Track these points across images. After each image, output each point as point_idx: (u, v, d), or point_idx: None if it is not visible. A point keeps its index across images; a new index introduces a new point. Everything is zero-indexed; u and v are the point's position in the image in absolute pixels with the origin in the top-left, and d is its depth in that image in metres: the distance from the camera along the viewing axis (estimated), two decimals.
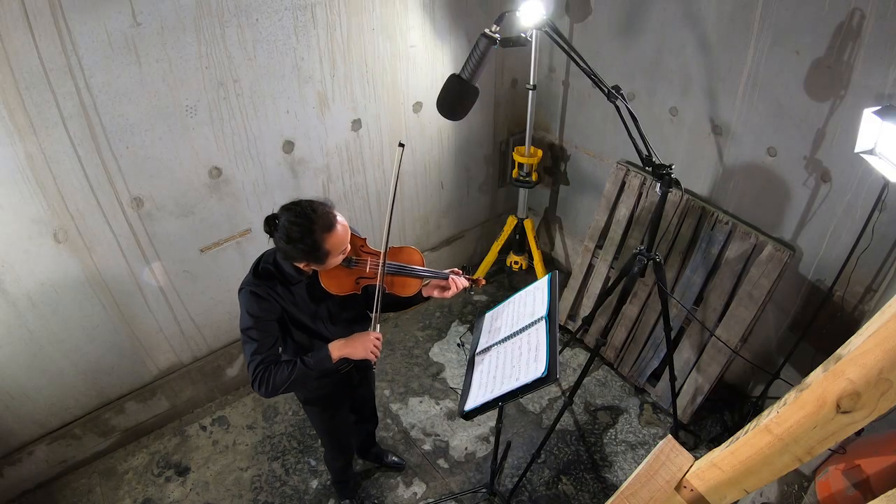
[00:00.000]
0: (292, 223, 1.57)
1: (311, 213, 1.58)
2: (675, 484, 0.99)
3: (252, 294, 1.67)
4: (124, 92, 2.12)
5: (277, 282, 1.70)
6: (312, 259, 1.62)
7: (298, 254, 1.60)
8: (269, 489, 2.71)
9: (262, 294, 1.67)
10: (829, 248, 2.44)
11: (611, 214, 3.16)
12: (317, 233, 1.57)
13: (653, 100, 2.86)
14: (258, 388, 1.66)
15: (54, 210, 2.18)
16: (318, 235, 1.57)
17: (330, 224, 1.59)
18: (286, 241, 1.58)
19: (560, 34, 2.01)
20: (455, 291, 1.91)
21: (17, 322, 2.29)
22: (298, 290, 1.75)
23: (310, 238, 1.57)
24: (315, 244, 1.58)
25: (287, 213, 1.59)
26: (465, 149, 3.44)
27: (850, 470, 1.76)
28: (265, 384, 1.65)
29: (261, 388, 1.65)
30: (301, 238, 1.57)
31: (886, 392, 0.67)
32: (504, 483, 2.73)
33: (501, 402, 1.70)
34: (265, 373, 1.65)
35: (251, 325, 1.67)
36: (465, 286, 1.95)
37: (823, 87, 2.19)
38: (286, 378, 1.66)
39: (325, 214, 1.59)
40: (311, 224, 1.56)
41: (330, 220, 1.59)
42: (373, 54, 2.72)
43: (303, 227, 1.56)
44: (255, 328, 1.67)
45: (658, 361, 3.01)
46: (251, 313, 1.67)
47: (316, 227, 1.57)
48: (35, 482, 2.70)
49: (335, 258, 1.66)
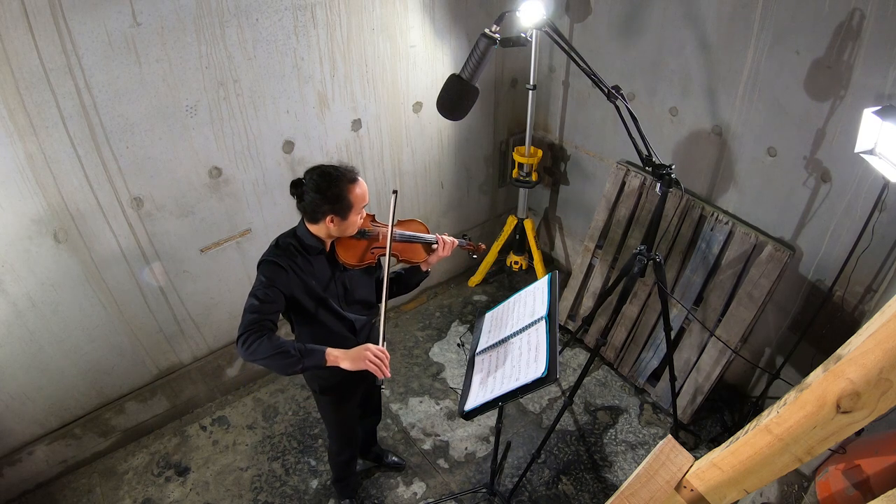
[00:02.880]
0: (321, 175, 1.72)
1: (336, 166, 1.76)
2: (675, 484, 0.99)
3: (272, 263, 1.74)
4: (124, 92, 2.12)
5: (297, 253, 1.79)
6: (337, 210, 1.74)
7: (325, 203, 1.72)
8: (269, 489, 2.71)
9: (282, 265, 1.75)
10: (829, 248, 2.44)
11: (611, 214, 3.16)
12: (342, 182, 1.73)
13: (653, 100, 2.86)
14: (242, 345, 1.64)
15: (54, 210, 2.18)
16: (344, 185, 1.73)
17: (354, 177, 1.76)
18: (315, 191, 1.71)
19: (560, 34, 2.01)
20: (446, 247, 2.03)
21: (17, 322, 2.30)
22: (318, 262, 1.83)
23: (336, 187, 1.71)
24: (341, 193, 1.72)
25: (314, 171, 1.75)
26: (465, 149, 3.44)
27: (850, 470, 1.76)
28: (247, 348, 1.63)
29: (244, 346, 1.63)
30: (328, 187, 1.71)
31: (886, 392, 0.67)
32: (504, 483, 2.73)
33: (501, 402, 1.70)
34: (257, 334, 1.63)
35: (259, 286, 1.72)
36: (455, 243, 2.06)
37: (823, 87, 2.19)
38: (271, 350, 1.63)
39: (350, 170, 1.77)
40: (339, 175, 1.73)
41: (354, 173, 1.77)
42: (373, 54, 2.72)
43: (330, 178, 1.72)
44: (264, 288, 1.71)
45: (658, 361, 3.01)
46: (266, 276, 1.73)
47: (343, 178, 1.73)
48: (35, 482, 2.70)
49: (356, 215, 1.79)
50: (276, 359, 1.64)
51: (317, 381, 2.07)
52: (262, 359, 1.64)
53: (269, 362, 1.65)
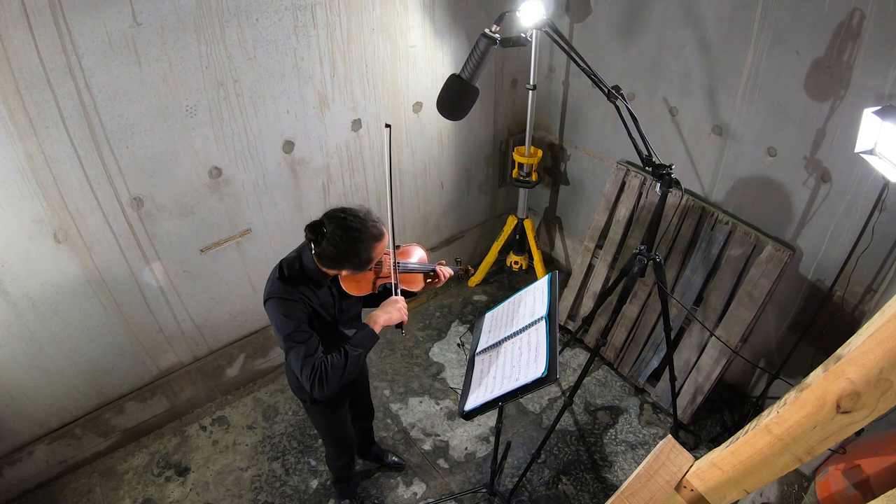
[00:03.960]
0: (344, 232, 1.64)
1: (361, 225, 1.66)
2: (675, 484, 0.99)
3: (284, 301, 1.70)
4: (124, 92, 2.12)
5: (303, 284, 1.75)
6: (356, 267, 1.72)
7: (345, 262, 1.69)
8: (269, 489, 2.71)
9: (294, 298, 1.71)
10: (829, 248, 2.44)
11: (611, 214, 3.16)
12: (367, 241, 1.66)
13: (653, 100, 2.86)
14: (318, 390, 1.65)
15: (54, 210, 2.18)
16: (369, 245, 1.67)
17: (380, 233, 1.70)
18: (335, 248, 1.64)
19: (560, 34, 2.01)
20: (442, 281, 2.03)
21: (17, 322, 2.29)
22: (322, 292, 1.81)
23: (359, 246, 1.66)
24: (366, 254, 1.68)
25: (336, 223, 1.65)
26: (465, 149, 3.44)
27: (850, 470, 1.76)
28: (324, 384, 1.64)
29: (321, 389, 1.65)
30: (351, 246, 1.65)
31: (886, 392, 0.67)
32: (504, 483, 2.73)
33: (501, 402, 1.70)
34: (322, 372, 1.65)
35: (292, 330, 1.68)
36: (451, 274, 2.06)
37: (823, 87, 2.19)
38: (342, 370, 1.67)
39: (374, 225, 1.68)
40: (364, 233, 1.65)
41: (378, 230, 1.69)
42: (373, 54, 2.72)
43: (353, 239, 1.65)
44: (296, 331, 1.68)
45: (658, 361, 3.01)
46: (289, 316, 1.69)
47: (367, 237, 1.66)
48: (35, 482, 2.70)
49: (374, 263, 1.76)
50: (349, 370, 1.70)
51: (305, 390, 2.03)
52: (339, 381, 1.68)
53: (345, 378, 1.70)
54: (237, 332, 3.04)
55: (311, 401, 2.09)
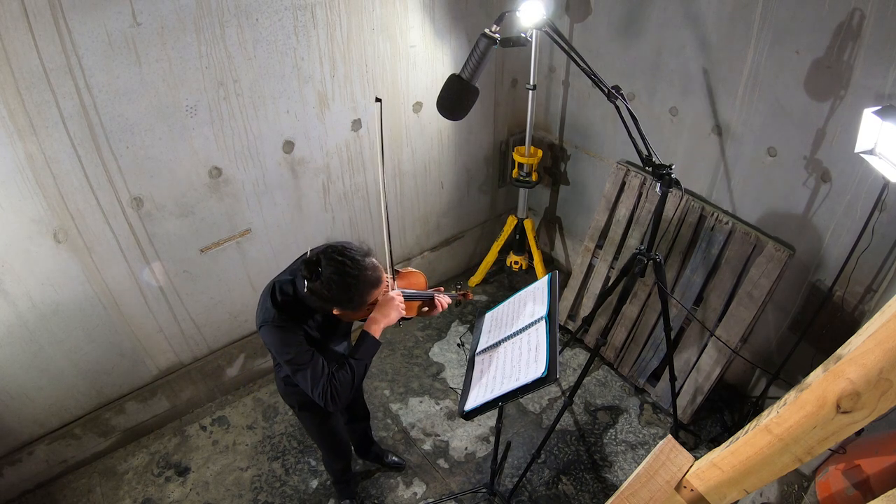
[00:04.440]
0: (339, 277, 1.56)
1: (359, 271, 1.58)
2: (675, 484, 0.99)
3: (279, 328, 1.68)
4: (124, 92, 2.12)
5: (297, 310, 1.73)
6: (350, 309, 1.67)
7: (338, 304, 1.64)
8: (269, 489, 2.71)
9: (289, 326, 1.69)
10: (829, 248, 2.44)
11: (611, 214, 3.16)
12: (364, 290, 1.62)
13: (653, 100, 2.86)
14: (331, 405, 1.68)
15: (54, 210, 2.18)
16: (365, 291, 1.62)
17: (377, 280, 1.64)
18: (329, 292, 1.58)
19: (560, 34, 2.01)
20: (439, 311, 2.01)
21: (17, 322, 2.29)
22: (317, 316, 1.80)
23: (355, 292, 1.61)
24: (361, 300, 1.64)
25: (333, 266, 1.57)
26: (465, 149, 3.44)
27: (850, 470, 1.77)
28: (337, 399, 1.68)
29: (333, 404, 1.68)
30: (345, 291, 1.59)
31: (886, 392, 0.67)
32: (504, 483, 2.73)
33: (501, 402, 1.70)
34: (332, 390, 1.67)
35: (294, 355, 1.67)
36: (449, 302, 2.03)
37: (823, 87, 2.19)
38: (350, 383, 1.70)
39: (373, 270, 1.62)
40: (359, 283, 1.59)
41: (377, 275, 1.64)
42: (373, 54, 2.72)
43: (348, 285, 1.58)
44: (299, 356, 1.67)
45: (658, 361, 3.01)
46: (288, 343, 1.67)
47: (363, 285, 1.61)
48: (35, 482, 2.70)
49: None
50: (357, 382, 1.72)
51: (294, 397, 2.04)
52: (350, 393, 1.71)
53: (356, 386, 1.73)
54: (237, 332, 3.04)
55: (299, 407, 2.09)
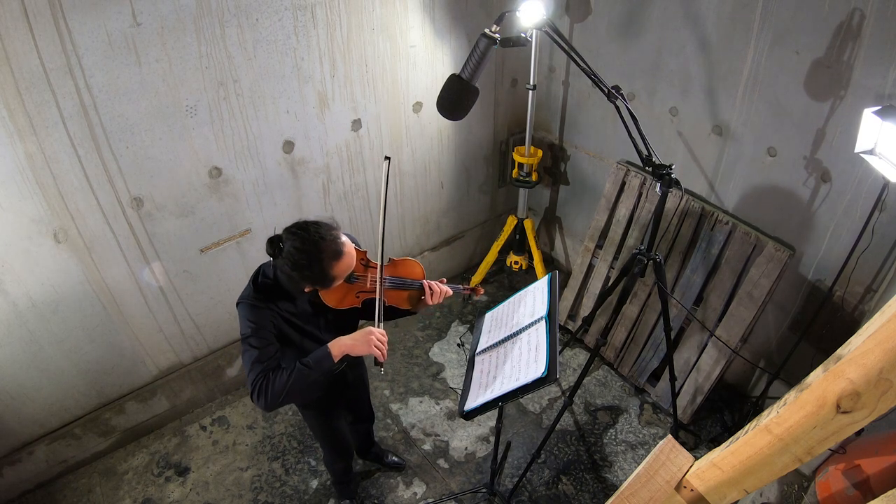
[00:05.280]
0: (299, 251, 1.53)
1: (318, 240, 1.54)
2: (675, 484, 0.99)
3: (251, 306, 1.65)
4: (124, 92, 2.12)
5: (277, 295, 1.69)
6: (318, 284, 1.63)
7: (304, 280, 1.59)
8: (269, 489, 2.71)
9: (261, 305, 1.65)
10: (829, 248, 2.44)
11: (611, 214, 3.16)
12: (325, 262, 1.55)
13: (653, 100, 2.86)
14: (257, 399, 1.58)
15: (54, 210, 2.18)
16: (326, 264, 1.56)
17: (337, 251, 1.57)
18: (292, 268, 1.55)
19: (560, 34, 2.01)
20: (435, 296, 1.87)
21: (17, 322, 2.30)
22: (300, 302, 1.75)
23: (317, 266, 1.55)
24: (322, 272, 1.57)
25: (293, 239, 1.55)
26: (465, 149, 3.44)
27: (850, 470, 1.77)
28: (264, 394, 1.57)
29: (260, 399, 1.58)
30: (308, 266, 1.54)
31: (886, 392, 0.67)
32: (504, 483, 2.73)
33: (501, 402, 1.70)
34: (264, 381, 1.58)
35: (250, 333, 1.63)
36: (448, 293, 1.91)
37: (823, 87, 2.19)
38: (284, 384, 1.58)
39: (333, 241, 1.57)
40: (319, 253, 1.54)
41: (338, 247, 1.57)
42: (373, 54, 2.72)
43: (310, 256, 1.53)
44: (255, 335, 1.63)
45: (658, 361, 3.01)
46: (251, 320, 1.64)
47: (324, 256, 1.54)
48: (35, 482, 2.69)
49: (340, 281, 1.66)
50: (292, 389, 1.59)
51: None
52: (279, 399, 1.58)
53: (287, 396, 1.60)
54: (237, 332, 3.01)
55: (303, 405, 2.08)
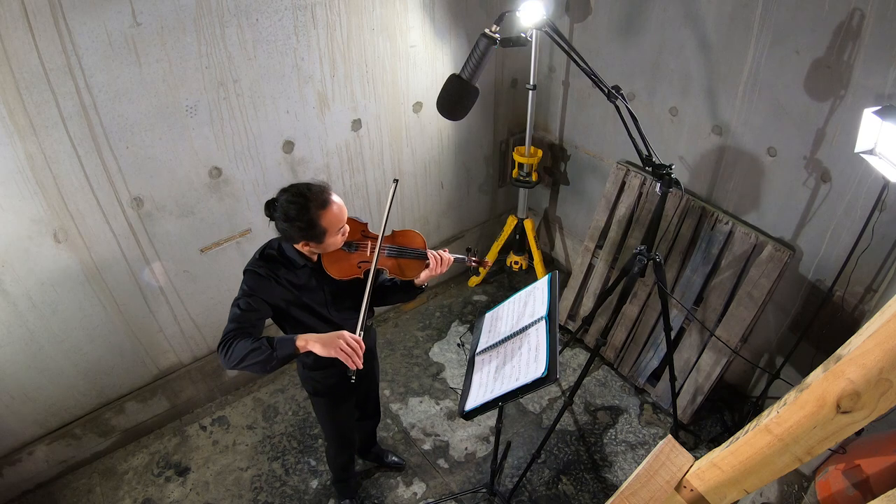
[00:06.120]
0: (289, 202, 1.63)
1: (306, 191, 1.64)
2: (675, 484, 0.99)
3: (254, 273, 1.71)
4: (124, 92, 2.12)
5: (281, 265, 1.74)
6: (311, 237, 1.67)
7: (296, 232, 1.65)
8: (269, 489, 2.71)
9: (263, 274, 1.71)
10: (829, 248, 2.44)
11: (611, 214, 3.16)
12: (312, 210, 1.62)
13: (653, 100, 2.86)
14: (221, 354, 1.62)
15: (54, 210, 2.18)
16: (314, 213, 1.63)
17: (325, 201, 1.64)
18: (284, 220, 1.64)
19: (560, 34, 2.01)
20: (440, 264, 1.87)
21: (17, 322, 2.30)
22: (303, 274, 1.78)
23: (306, 215, 1.62)
24: (311, 221, 1.63)
25: (284, 194, 1.66)
26: (465, 149, 3.44)
27: (850, 470, 1.77)
28: (226, 353, 1.61)
29: (222, 354, 1.62)
30: (298, 216, 1.62)
31: (886, 392, 0.67)
32: (504, 483, 2.73)
33: (501, 402, 1.70)
34: (230, 343, 1.61)
35: (241, 296, 1.69)
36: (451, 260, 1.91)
37: (823, 87, 2.19)
38: (244, 351, 1.59)
39: (320, 192, 1.65)
40: (307, 202, 1.62)
41: (325, 197, 1.65)
42: (373, 54, 2.72)
43: (299, 205, 1.62)
44: (245, 298, 1.68)
45: (658, 361, 3.01)
46: (248, 285, 1.70)
47: (311, 205, 1.62)
48: (35, 482, 2.69)
49: (333, 237, 1.70)
50: (250, 357, 1.60)
51: (311, 382, 2.05)
52: (238, 360, 1.60)
53: (247, 363, 1.61)
54: None
55: (314, 393, 2.09)
